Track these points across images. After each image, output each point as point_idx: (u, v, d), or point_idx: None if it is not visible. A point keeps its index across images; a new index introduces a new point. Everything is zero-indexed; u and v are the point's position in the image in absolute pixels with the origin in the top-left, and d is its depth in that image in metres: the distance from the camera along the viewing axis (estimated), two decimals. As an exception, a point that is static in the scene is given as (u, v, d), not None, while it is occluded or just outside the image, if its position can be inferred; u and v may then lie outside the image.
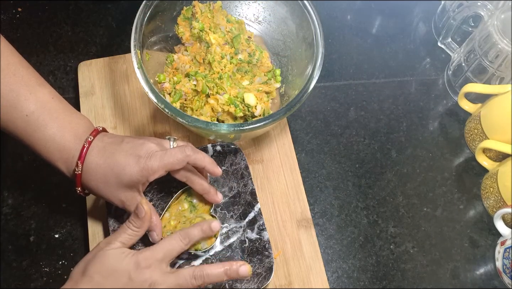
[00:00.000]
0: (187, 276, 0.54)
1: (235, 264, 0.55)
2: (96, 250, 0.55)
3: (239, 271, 0.55)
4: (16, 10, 0.85)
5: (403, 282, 0.69)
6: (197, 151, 0.58)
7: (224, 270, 0.55)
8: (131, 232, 0.56)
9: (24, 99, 0.57)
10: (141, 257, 0.53)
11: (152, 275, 0.53)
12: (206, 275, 0.54)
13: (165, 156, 0.56)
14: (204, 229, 0.58)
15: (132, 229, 0.56)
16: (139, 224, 0.56)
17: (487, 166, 0.76)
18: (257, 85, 0.70)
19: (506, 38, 0.71)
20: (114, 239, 0.55)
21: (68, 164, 0.58)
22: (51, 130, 0.57)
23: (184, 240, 0.56)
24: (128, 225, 0.56)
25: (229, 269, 0.55)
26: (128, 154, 0.57)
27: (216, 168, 0.60)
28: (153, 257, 0.54)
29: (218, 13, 0.71)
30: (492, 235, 0.72)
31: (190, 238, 0.57)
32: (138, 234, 0.57)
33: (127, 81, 0.77)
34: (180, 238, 0.56)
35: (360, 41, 0.87)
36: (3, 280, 0.66)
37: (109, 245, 0.54)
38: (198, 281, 0.54)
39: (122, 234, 0.56)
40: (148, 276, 0.53)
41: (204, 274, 0.54)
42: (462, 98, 0.79)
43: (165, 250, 0.55)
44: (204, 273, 0.54)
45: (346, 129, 0.79)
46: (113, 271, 0.53)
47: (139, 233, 0.57)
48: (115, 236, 0.56)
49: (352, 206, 0.74)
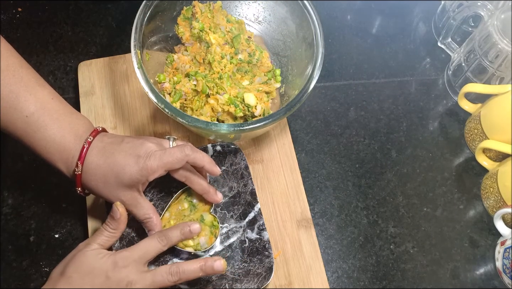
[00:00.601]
0: (164, 273, 0.55)
1: (210, 259, 0.56)
2: (75, 252, 0.56)
3: (214, 266, 0.56)
4: (16, 10, 0.85)
5: (403, 282, 0.69)
6: (196, 150, 0.59)
7: (199, 266, 0.56)
8: (107, 234, 0.57)
9: (24, 100, 0.57)
10: (118, 257, 0.54)
11: (129, 274, 0.54)
12: (182, 271, 0.55)
13: (164, 155, 0.57)
14: (184, 232, 0.59)
15: (109, 231, 0.57)
16: (115, 226, 0.57)
17: (487, 166, 0.76)
18: (257, 85, 0.70)
19: (506, 38, 0.71)
20: (93, 241, 0.56)
21: (68, 164, 0.58)
22: (51, 131, 0.57)
23: (162, 241, 0.57)
24: (105, 227, 0.58)
25: (204, 265, 0.56)
26: (127, 153, 0.57)
27: (215, 168, 0.61)
28: (131, 257, 0.55)
29: (218, 13, 0.71)
30: (492, 235, 0.72)
31: (169, 240, 0.58)
32: (115, 235, 0.58)
33: (127, 81, 0.77)
34: (158, 239, 0.57)
35: (360, 41, 0.87)
36: (3, 280, 0.66)
37: (88, 246, 0.56)
38: (174, 277, 0.55)
39: (100, 236, 0.57)
40: (124, 275, 0.54)
41: (180, 270, 0.55)
42: (462, 98, 0.79)
43: (143, 251, 0.56)
44: (180, 269, 0.55)
45: (346, 129, 0.79)
46: (91, 270, 0.54)
47: (116, 234, 0.58)
48: (93, 238, 0.57)
49: (352, 206, 0.74)
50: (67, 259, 0.56)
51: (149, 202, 0.60)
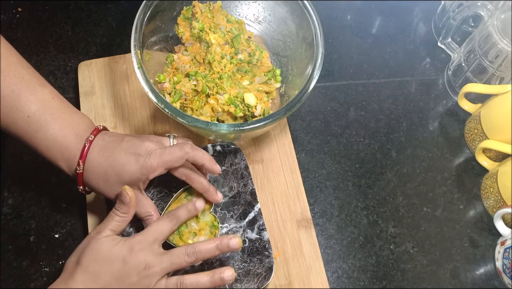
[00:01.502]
0: (180, 254, 0.55)
1: (226, 238, 0.57)
2: (88, 240, 0.55)
3: (229, 244, 0.56)
4: (16, 10, 0.85)
5: (403, 282, 0.69)
6: (196, 148, 0.59)
7: (215, 245, 0.56)
8: (118, 218, 0.57)
9: (25, 100, 0.57)
10: (134, 241, 0.55)
11: (146, 257, 0.54)
12: (199, 251, 0.55)
13: (164, 154, 0.57)
14: (190, 209, 0.60)
15: (120, 216, 0.57)
16: (126, 210, 0.57)
17: (487, 166, 0.76)
18: (257, 85, 0.70)
19: (506, 38, 0.71)
20: (104, 227, 0.56)
21: (70, 163, 0.58)
22: (52, 130, 0.57)
23: (172, 221, 0.58)
24: (115, 212, 0.57)
25: (220, 243, 0.56)
26: (128, 152, 0.57)
27: (215, 166, 0.61)
28: (145, 240, 0.55)
29: (218, 13, 0.71)
30: (492, 235, 0.72)
31: (178, 218, 0.59)
32: (126, 220, 0.57)
33: (127, 81, 0.77)
34: (168, 219, 0.58)
35: (360, 41, 0.87)
36: (3, 280, 0.66)
37: (100, 233, 0.55)
38: (191, 257, 0.55)
39: (111, 222, 0.56)
40: (142, 258, 0.54)
41: (196, 250, 0.55)
42: (462, 98, 0.79)
43: (155, 232, 0.56)
44: (197, 249, 0.55)
45: (346, 129, 0.79)
46: (107, 257, 0.53)
47: (127, 218, 0.57)
48: (104, 225, 0.56)
49: (352, 206, 0.74)
50: (80, 248, 0.55)
51: (150, 200, 0.61)
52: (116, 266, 0.53)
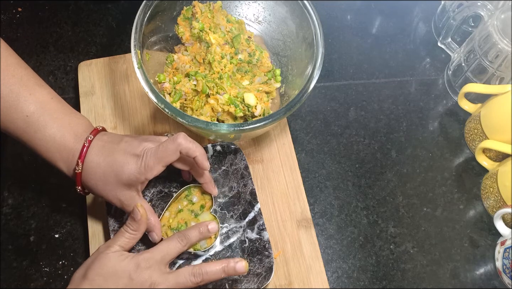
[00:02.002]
0: (187, 274, 0.55)
1: (232, 261, 0.57)
2: (96, 254, 0.56)
3: (236, 267, 0.57)
4: (16, 10, 0.85)
5: (403, 282, 0.69)
6: (189, 140, 0.57)
7: (221, 267, 0.56)
8: (128, 235, 0.57)
9: (24, 100, 0.57)
10: (141, 258, 0.55)
11: (152, 275, 0.54)
12: (205, 272, 0.55)
13: (158, 150, 0.57)
14: (202, 231, 0.59)
15: (130, 232, 0.57)
16: (136, 227, 0.58)
17: (487, 166, 0.76)
18: (257, 85, 0.70)
19: (506, 38, 0.71)
20: (113, 243, 0.56)
21: (69, 163, 0.58)
22: (51, 130, 0.57)
23: (182, 241, 0.58)
24: (126, 229, 0.58)
25: (227, 266, 0.56)
26: (126, 152, 0.57)
27: (205, 162, 0.59)
28: (153, 258, 0.55)
29: (218, 13, 0.71)
30: (492, 235, 0.72)
31: (188, 240, 0.58)
32: (135, 237, 0.58)
33: (127, 81, 0.77)
34: (179, 239, 0.58)
35: (360, 41, 0.87)
36: (3, 280, 0.66)
37: (109, 248, 0.56)
38: (197, 278, 0.55)
39: (121, 238, 0.57)
40: (148, 276, 0.54)
41: (202, 271, 0.55)
42: (462, 98, 0.79)
43: (164, 252, 0.56)
44: (203, 270, 0.55)
45: (346, 129, 0.79)
46: (114, 272, 0.54)
47: (137, 236, 0.58)
48: (114, 240, 0.57)
49: (352, 206, 0.74)
50: (88, 262, 0.56)
51: (147, 204, 0.61)
52: (122, 282, 0.53)
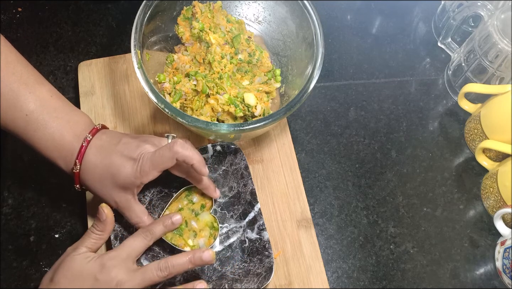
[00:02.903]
0: (153, 269, 0.54)
1: (198, 251, 0.56)
2: (63, 257, 0.56)
3: (202, 257, 0.56)
4: (16, 10, 0.85)
5: (403, 282, 0.69)
6: (186, 147, 0.56)
7: (188, 258, 0.55)
8: (95, 236, 0.57)
9: (24, 98, 0.57)
10: (106, 258, 0.54)
11: (118, 274, 0.53)
12: (171, 265, 0.55)
13: (154, 157, 0.56)
14: (166, 224, 0.59)
15: (96, 233, 0.57)
16: (102, 228, 0.57)
17: (487, 166, 0.76)
18: (257, 85, 0.70)
19: (506, 38, 0.71)
20: (80, 244, 0.56)
21: (67, 162, 0.58)
22: (50, 129, 0.57)
23: (147, 237, 0.57)
24: (92, 230, 0.57)
25: (193, 257, 0.55)
26: (123, 155, 0.57)
27: (203, 168, 0.58)
28: (118, 256, 0.55)
29: (218, 13, 0.71)
30: (492, 235, 0.72)
31: (153, 234, 0.58)
32: (102, 237, 0.57)
33: (127, 81, 0.77)
34: (143, 235, 0.57)
35: (360, 41, 0.87)
36: (3, 280, 0.66)
37: (75, 250, 0.55)
38: (164, 272, 0.54)
39: (87, 239, 0.57)
40: (114, 275, 0.53)
41: (169, 265, 0.55)
42: (462, 98, 0.79)
43: (129, 249, 0.56)
44: (169, 264, 0.55)
45: (346, 129, 0.79)
46: (79, 274, 0.53)
47: (103, 236, 0.58)
48: (80, 242, 0.57)
49: (352, 206, 0.74)
50: (56, 265, 0.55)
51: (142, 206, 0.61)
52: (87, 283, 0.53)
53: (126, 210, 0.59)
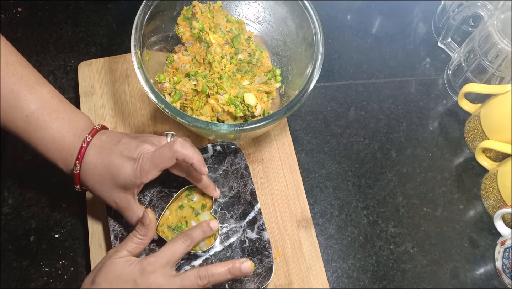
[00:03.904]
0: (192, 277, 0.55)
1: (238, 262, 0.57)
2: (105, 260, 0.56)
3: (241, 268, 0.56)
4: (16, 10, 0.85)
5: (403, 282, 0.69)
6: (186, 147, 0.57)
7: (227, 268, 0.56)
8: (137, 240, 0.58)
9: (24, 99, 0.57)
10: (146, 263, 0.55)
11: (157, 279, 0.54)
12: (211, 274, 0.55)
13: (154, 156, 0.56)
14: (205, 230, 0.60)
15: (138, 238, 0.58)
16: (144, 232, 0.58)
17: (487, 166, 0.76)
18: (257, 85, 0.70)
19: (506, 38, 0.71)
20: (122, 248, 0.57)
21: (67, 163, 0.58)
22: (50, 130, 0.57)
23: (186, 241, 0.58)
24: (135, 234, 0.58)
25: (232, 267, 0.56)
26: (122, 155, 0.57)
27: (203, 168, 0.59)
28: (158, 262, 0.55)
29: (218, 13, 0.71)
30: (492, 235, 0.72)
31: (192, 239, 0.58)
32: (144, 242, 0.58)
33: (127, 81, 0.77)
34: (183, 240, 0.58)
35: (360, 41, 0.87)
36: (3, 280, 0.66)
37: (117, 253, 0.56)
38: (204, 281, 0.55)
39: (129, 243, 0.57)
40: (153, 280, 0.54)
41: (208, 273, 0.55)
42: (462, 98, 0.79)
43: (169, 254, 0.56)
44: (209, 273, 0.55)
45: (346, 129, 0.79)
46: (119, 277, 0.54)
47: (145, 241, 0.58)
48: (122, 245, 0.57)
49: (352, 206, 0.74)
50: (97, 268, 0.56)
51: (142, 207, 0.61)
52: (127, 287, 0.54)
53: (126, 210, 0.59)
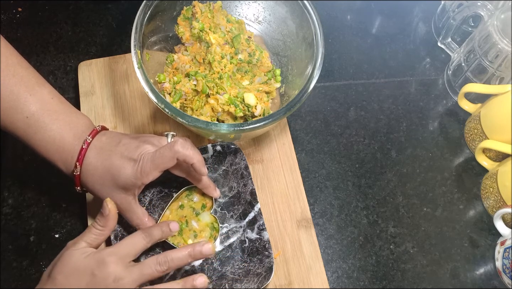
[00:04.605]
0: (152, 264, 0.54)
1: (198, 244, 0.55)
2: (63, 251, 0.55)
3: (202, 250, 0.55)
4: (16, 10, 0.85)
5: (403, 282, 0.69)
6: (187, 147, 0.57)
7: (187, 252, 0.55)
8: (96, 231, 0.56)
9: (24, 101, 0.57)
10: (104, 254, 0.53)
11: (115, 270, 0.52)
12: (171, 259, 0.54)
13: (155, 157, 0.56)
14: (164, 230, 0.58)
15: (97, 228, 0.56)
16: (104, 223, 0.56)
17: (487, 166, 0.76)
18: (257, 85, 0.70)
19: (506, 38, 0.71)
20: (80, 239, 0.55)
21: (67, 165, 0.58)
22: (51, 132, 0.57)
23: (146, 238, 0.56)
24: (94, 225, 0.56)
25: (193, 250, 0.55)
26: (123, 156, 0.57)
27: (203, 168, 0.59)
28: (116, 253, 0.54)
29: (218, 13, 0.71)
30: (492, 235, 0.72)
31: (152, 237, 0.57)
32: (103, 233, 0.56)
33: (127, 81, 0.77)
34: (143, 236, 0.56)
35: (360, 41, 0.87)
36: (3, 280, 0.66)
37: (75, 245, 0.54)
38: (163, 266, 0.54)
39: (88, 234, 0.56)
40: (111, 270, 0.52)
41: (168, 259, 0.54)
42: (462, 98, 0.79)
43: (128, 247, 0.55)
44: (169, 258, 0.54)
45: (346, 129, 0.79)
46: (76, 270, 0.52)
47: (105, 232, 0.56)
48: (81, 237, 0.56)
49: (352, 206, 0.74)
50: (55, 260, 0.55)
51: (142, 208, 0.60)
52: (84, 279, 0.52)
53: (127, 211, 0.59)
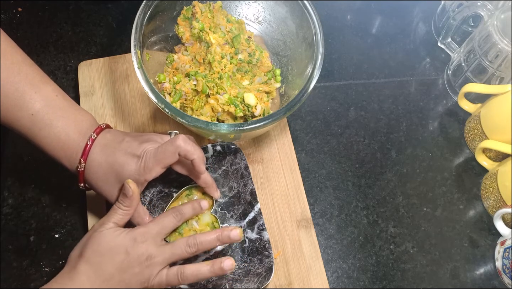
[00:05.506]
0: (182, 245, 0.56)
1: (227, 229, 0.57)
2: (91, 232, 0.56)
3: (230, 235, 0.57)
4: (16, 10, 0.85)
5: (403, 282, 0.69)
6: (188, 142, 0.58)
7: (216, 236, 0.57)
8: (121, 212, 0.57)
9: (29, 98, 0.57)
10: (137, 233, 0.55)
11: (148, 248, 0.55)
12: (200, 242, 0.56)
13: (157, 152, 0.57)
14: (195, 207, 0.61)
15: (122, 209, 0.57)
16: (128, 203, 0.57)
17: (487, 166, 0.76)
18: (257, 85, 0.70)
19: (506, 38, 0.71)
20: (107, 220, 0.56)
21: (72, 161, 0.59)
22: (55, 129, 0.58)
23: (176, 216, 0.59)
24: (118, 206, 0.57)
25: (221, 235, 0.57)
26: (126, 153, 0.58)
27: (202, 166, 0.60)
28: (149, 232, 0.56)
29: (218, 13, 0.71)
30: (492, 235, 0.72)
31: (182, 215, 0.59)
32: (128, 213, 0.58)
33: (127, 81, 0.77)
34: (173, 214, 0.59)
35: (360, 41, 0.87)
36: (3, 280, 0.66)
37: (103, 226, 0.56)
38: (193, 248, 0.56)
39: (114, 214, 0.57)
40: (144, 249, 0.54)
41: (197, 241, 0.56)
42: (462, 98, 0.79)
43: (159, 226, 0.57)
44: (198, 240, 0.56)
45: (346, 129, 0.79)
46: (110, 248, 0.54)
47: (130, 212, 0.58)
48: (107, 217, 0.57)
49: (352, 206, 0.74)
50: (83, 241, 0.56)
51: (144, 207, 0.61)
52: (119, 257, 0.54)
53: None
